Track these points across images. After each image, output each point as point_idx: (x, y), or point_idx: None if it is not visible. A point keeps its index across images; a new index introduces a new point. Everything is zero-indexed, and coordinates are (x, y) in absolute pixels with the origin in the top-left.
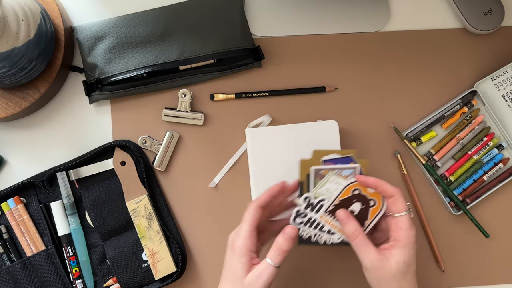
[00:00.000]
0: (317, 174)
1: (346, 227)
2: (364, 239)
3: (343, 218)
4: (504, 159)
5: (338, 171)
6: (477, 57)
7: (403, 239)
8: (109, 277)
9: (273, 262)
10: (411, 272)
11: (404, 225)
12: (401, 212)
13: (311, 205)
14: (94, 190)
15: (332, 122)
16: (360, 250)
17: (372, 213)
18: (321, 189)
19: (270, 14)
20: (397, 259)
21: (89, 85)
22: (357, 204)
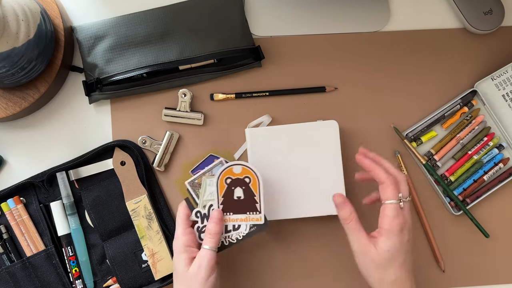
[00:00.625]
0: (193, 185)
1: (342, 212)
2: (356, 224)
3: (340, 202)
4: (504, 159)
5: (209, 173)
6: (477, 57)
7: (386, 226)
8: (109, 277)
9: (209, 246)
10: (398, 262)
11: (389, 213)
12: (389, 199)
13: (205, 216)
14: (94, 190)
15: (332, 122)
16: (351, 234)
17: (254, 188)
18: (205, 196)
19: (270, 14)
20: (381, 246)
21: (89, 85)
22: (238, 189)
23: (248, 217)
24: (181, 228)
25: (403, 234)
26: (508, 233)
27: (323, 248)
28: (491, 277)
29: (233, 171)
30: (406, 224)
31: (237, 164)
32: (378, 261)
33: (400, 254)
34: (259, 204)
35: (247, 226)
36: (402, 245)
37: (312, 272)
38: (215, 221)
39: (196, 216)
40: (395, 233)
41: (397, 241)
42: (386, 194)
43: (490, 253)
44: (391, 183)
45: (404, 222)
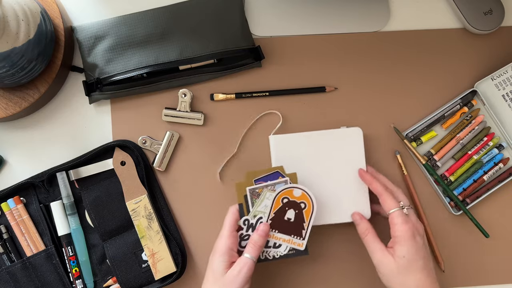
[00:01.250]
0: (253, 193)
1: (359, 227)
2: (373, 237)
3: (357, 219)
4: (504, 159)
5: (271, 187)
6: (477, 57)
7: (397, 234)
8: (109, 277)
9: (250, 255)
10: (417, 268)
11: (396, 221)
12: (392, 208)
13: (252, 226)
14: (94, 190)
15: (356, 129)
16: (369, 246)
17: (306, 214)
18: (260, 207)
19: (270, 14)
20: (397, 254)
21: (89, 85)
22: (291, 211)
23: (291, 239)
24: (227, 231)
25: (416, 240)
26: (508, 233)
27: (348, 254)
28: (491, 277)
29: (293, 193)
30: (417, 230)
31: (299, 188)
32: (397, 269)
33: (417, 259)
34: (305, 231)
35: (287, 247)
36: (418, 250)
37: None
38: (261, 233)
39: (243, 223)
40: (407, 238)
41: (411, 246)
42: (387, 204)
43: (490, 253)
44: (387, 195)
45: (413, 227)
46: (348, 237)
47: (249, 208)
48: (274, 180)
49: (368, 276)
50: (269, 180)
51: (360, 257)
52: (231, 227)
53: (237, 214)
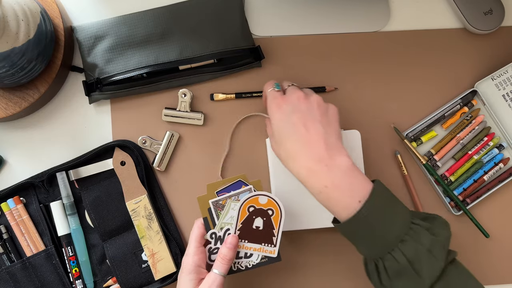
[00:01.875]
0: (216, 205)
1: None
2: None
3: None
4: (504, 159)
5: (234, 197)
6: (477, 57)
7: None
8: (109, 277)
9: (219, 271)
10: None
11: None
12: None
13: (220, 238)
14: (94, 190)
15: (354, 131)
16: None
17: (275, 221)
18: (225, 218)
19: (270, 14)
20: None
21: (89, 85)
22: (258, 219)
23: (263, 248)
24: (194, 247)
25: (282, 110)
26: (508, 233)
27: (342, 258)
28: (491, 277)
29: (258, 200)
30: (284, 99)
31: (264, 194)
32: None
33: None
34: (276, 237)
35: (259, 256)
36: (283, 120)
37: (334, 283)
38: (229, 246)
39: (211, 237)
40: (273, 113)
41: (277, 119)
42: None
43: (490, 253)
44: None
45: (280, 99)
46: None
47: (215, 221)
48: (238, 189)
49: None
50: (232, 190)
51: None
52: (197, 242)
53: (202, 228)
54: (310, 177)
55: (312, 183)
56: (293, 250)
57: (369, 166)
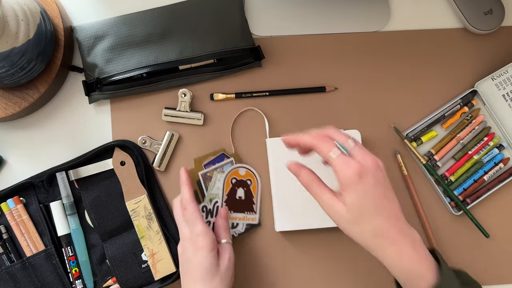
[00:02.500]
0: (205, 177)
1: (301, 177)
2: (318, 186)
3: (295, 169)
4: (504, 159)
5: (220, 169)
6: (477, 57)
7: (343, 181)
8: (109, 277)
9: (227, 240)
10: (371, 211)
11: (338, 168)
12: (327, 154)
13: (210, 211)
14: (94, 190)
15: (354, 131)
16: (317, 197)
17: (253, 190)
18: (213, 189)
19: (270, 14)
20: (347, 202)
21: (88, 85)
22: (240, 189)
23: (246, 216)
24: (204, 224)
25: (364, 181)
26: (508, 233)
27: (345, 259)
28: (491, 277)
29: (238, 172)
30: (364, 168)
31: (242, 166)
32: (350, 217)
33: (369, 202)
34: (255, 205)
35: (244, 224)
36: (367, 193)
37: (333, 283)
38: (224, 217)
39: (202, 210)
40: (354, 183)
41: (359, 190)
42: (322, 151)
43: (490, 253)
44: (319, 140)
45: (359, 167)
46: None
47: (204, 193)
48: (221, 162)
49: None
50: (217, 163)
51: (361, 260)
52: (203, 219)
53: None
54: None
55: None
56: (293, 250)
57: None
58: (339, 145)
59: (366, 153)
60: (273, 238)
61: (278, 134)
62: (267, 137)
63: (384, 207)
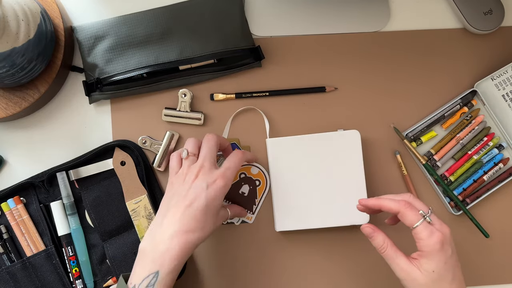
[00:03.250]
0: None
1: (375, 241)
2: (393, 250)
3: (370, 232)
4: (504, 159)
5: None
6: (477, 57)
7: (425, 248)
8: (109, 277)
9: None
10: (448, 280)
11: (422, 235)
12: (414, 223)
13: None
14: (94, 190)
15: (353, 131)
16: (390, 262)
17: (259, 191)
18: None
19: (270, 14)
20: (425, 268)
21: (89, 85)
22: (246, 186)
23: None
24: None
25: (445, 250)
26: (508, 233)
27: (345, 259)
28: (491, 277)
29: (250, 170)
30: (445, 238)
31: (257, 166)
32: (426, 283)
33: (448, 271)
34: (256, 206)
35: (239, 220)
36: (447, 262)
37: (333, 283)
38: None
39: None
40: (436, 252)
41: (441, 259)
42: (408, 219)
43: (490, 253)
44: (405, 207)
45: (441, 236)
46: (347, 241)
47: None
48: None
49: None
50: None
51: (361, 260)
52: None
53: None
54: None
55: None
56: (293, 250)
57: (369, 166)
58: (423, 212)
59: (442, 222)
60: (273, 238)
61: (278, 134)
62: (267, 137)
63: (457, 274)
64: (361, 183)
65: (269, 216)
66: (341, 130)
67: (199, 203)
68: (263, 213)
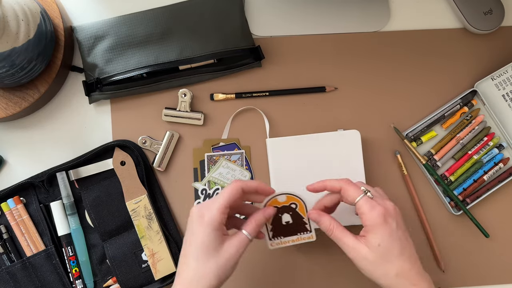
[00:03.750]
0: (210, 159)
1: (322, 224)
2: (340, 231)
3: (316, 216)
4: (504, 159)
5: (227, 156)
6: (477, 57)
7: (368, 222)
8: (109, 277)
9: (250, 235)
10: (395, 253)
11: (364, 209)
12: (355, 198)
13: (208, 195)
14: (94, 190)
15: (354, 131)
16: (339, 242)
17: (301, 211)
18: (215, 173)
19: (270, 14)
20: (371, 243)
21: (89, 85)
22: (286, 215)
23: (300, 237)
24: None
25: (388, 223)
26: (508, 233)
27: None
28: (491, 277)
29: (278, 200)
30: (387, 211)
31: (281, 194)
32: (374, 258)
33: (394, 243)
34: (308, 224)
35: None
36: (392, 235)
37: (333, 283)
38: (267, 216)
39: (201, 192)
40: (379, 225)
41: (385, 232)
42: (350, 195)
43: (490, 253)
44: (347, 183)
45: (383, 210)
46: None
47: (204, 173)
48: (231, 150)
49: None
50: (226, 150)
51: None
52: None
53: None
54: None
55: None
56: (294, 250)
57: (369, 166)
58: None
59: (385, 198)
60: None
61: (278, 134)
62: (267, 137)
63: (406, 248)
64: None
65: None
66: (341, 130)
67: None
68: None
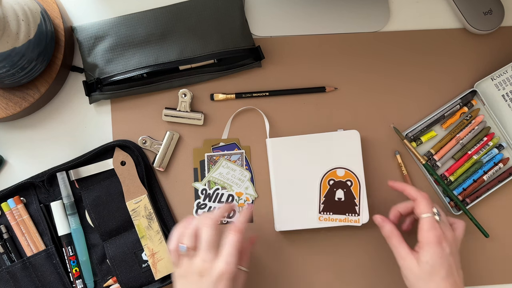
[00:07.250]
0: (210, 159)
1: (384, 229)
2: (398, 240)
3: (379, 221)
4: (504, 159)
5: (227, 156)
6: (477, 57)
7: (423, 239)
8: (109, 277)
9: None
10: (441, 275)
11: (424, 227)
12: (424, 213)
13: (208, 195)
14: (94, 190)
15: (353, 131)
16: (394, 249)
17: (355, 191)
18: (215, 173)
19: (270, 14)
20: (421, 259)
21: (89, 85)
22: (339, 191)
23: (347, 218)
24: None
25: (442, 247)
26: (508, 233)
27: (344, 259)
28: (491, 277)
29: (336, 173)
30: (445, 237)
31: (341, 167)
32: (419, 273)
33: (442, 266)
34: (358, 207)
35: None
36: (443, 258)
37: (333, 283)
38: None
39: (201, 193)
40: (432, 245)
41: (436, 253)
42: (420, 208)
43: (490, 253)
44: (423, 198)
45: (441, 234)
46: (347, 241)
47: (204, 173)
48: (231, 150)
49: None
50: (226, 150)
51: (360, 260)
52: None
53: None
54: None
55: None
56: (294, 250)
57: (369, 166)
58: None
59: (451, 228)
60: (273, 238)
61: (278, 134)
62: (267, 137)
63: (452, 275)
64: (361, 183)
65: (269, 216)
66: (341, 130)
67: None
68: (263, 213)
